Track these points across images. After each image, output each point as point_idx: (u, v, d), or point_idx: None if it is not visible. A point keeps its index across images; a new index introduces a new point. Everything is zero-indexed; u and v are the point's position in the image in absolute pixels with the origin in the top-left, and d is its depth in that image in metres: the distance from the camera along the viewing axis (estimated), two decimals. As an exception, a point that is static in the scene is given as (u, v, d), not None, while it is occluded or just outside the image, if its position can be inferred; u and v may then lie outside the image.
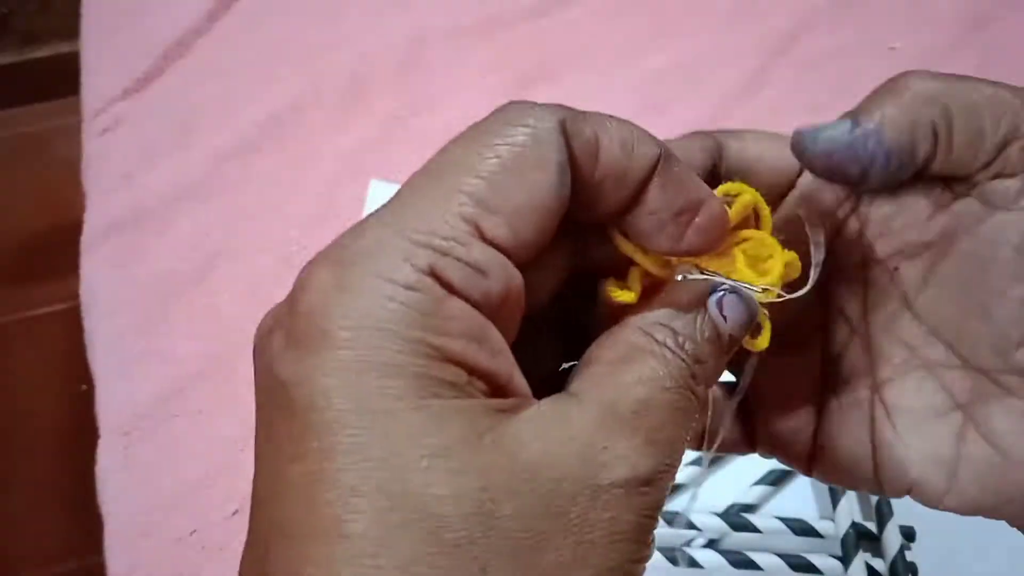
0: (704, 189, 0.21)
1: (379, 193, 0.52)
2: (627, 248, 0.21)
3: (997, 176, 0.22)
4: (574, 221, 0.20)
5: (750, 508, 0.42)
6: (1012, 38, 0.61)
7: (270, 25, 0.60)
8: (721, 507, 0.41)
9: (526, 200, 0.19)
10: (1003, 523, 0.43)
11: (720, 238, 0.21)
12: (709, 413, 0.24)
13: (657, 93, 0.58)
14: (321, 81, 0.57)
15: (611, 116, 0.20)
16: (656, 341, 0.19)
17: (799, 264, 0.21)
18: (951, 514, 0.43)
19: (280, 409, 0.17)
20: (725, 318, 0.20)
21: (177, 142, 0.54)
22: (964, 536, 0.41)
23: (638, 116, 0.61)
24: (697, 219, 0.20)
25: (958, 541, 0.41)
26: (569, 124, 0.19)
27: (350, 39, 0.60)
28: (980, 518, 0.43)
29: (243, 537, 0.45)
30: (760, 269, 0.21)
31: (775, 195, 0.24)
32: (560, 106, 0.20)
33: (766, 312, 0.21)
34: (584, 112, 0.20)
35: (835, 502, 0.40)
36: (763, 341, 0.21)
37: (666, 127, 0.61)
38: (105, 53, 0.58)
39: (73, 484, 0.89)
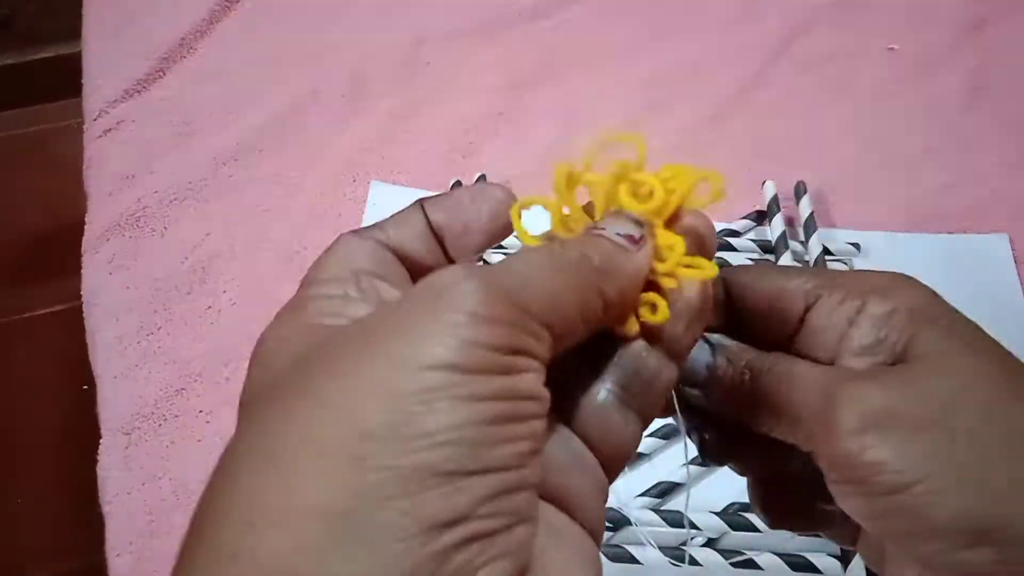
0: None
1: (379, 193, 0.52)
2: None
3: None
4: None
5: (749, 507, 0.42)
6: (1011, 38, 0.61)
7: (270, 26, 0.61)
8: (720, 506, 0.41)
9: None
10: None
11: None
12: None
13: (657, 94, 0.58)
14: (322, 82, 0.58)
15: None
16: None
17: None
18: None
19: None
20: None
21: (178, 143, 0.55)
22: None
23: (638, 117, 0.61)
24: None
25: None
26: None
27: (350, 40, 0.60)
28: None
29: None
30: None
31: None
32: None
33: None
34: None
35: (834, 501, 0.40)
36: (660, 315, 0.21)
37: (666, 128, 0.61)
38: (106, 54, 0.59)
39: (74, 484, 0.90)
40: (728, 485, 0.42)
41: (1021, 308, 0.49)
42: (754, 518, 0.40)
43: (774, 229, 0.49)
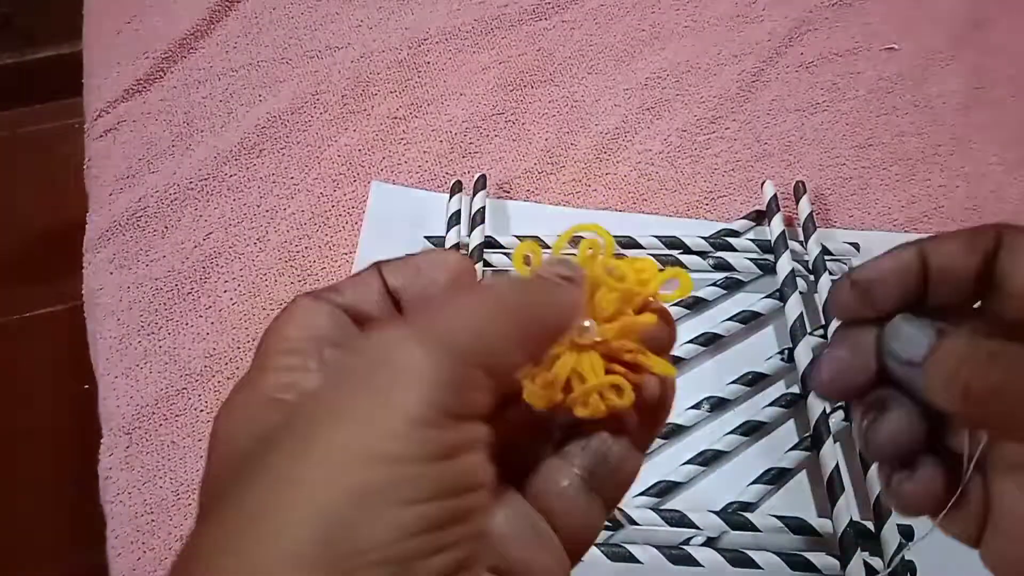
0: None
1: (380, 193, 0.52)
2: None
3: None
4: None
5: (748, 507, 0.42)
6: (1011, 38, 0.61)
7: (271, 26, 0.61)
8: (719, 505, 0.42)
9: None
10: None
11: None
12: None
13: (656, 94, 0.58)
14: (322, 82, 0.58)
15: None
16: None
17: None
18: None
19: None
20: None
21: (179, 143, 0.55)
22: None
23: (637, 117, 0.61)
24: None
25: (957, 541, 0.41)
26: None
27: (351, 40, 0.60)
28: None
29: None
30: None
31: None
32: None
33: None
34: None
35: (833, 501, 0.40)
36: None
37: (666, 128, 0.61)
38: (107, 54, 0.59)
39: (75, 483, 0.90)
40: (728, 485, 0.43)
41: (1020, 308, 0.49)
42: (754, 518, 0.41)
43: (773, 229, 0.49)
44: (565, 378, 0.21)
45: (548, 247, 0.49)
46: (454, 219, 0.49)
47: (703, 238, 0.49)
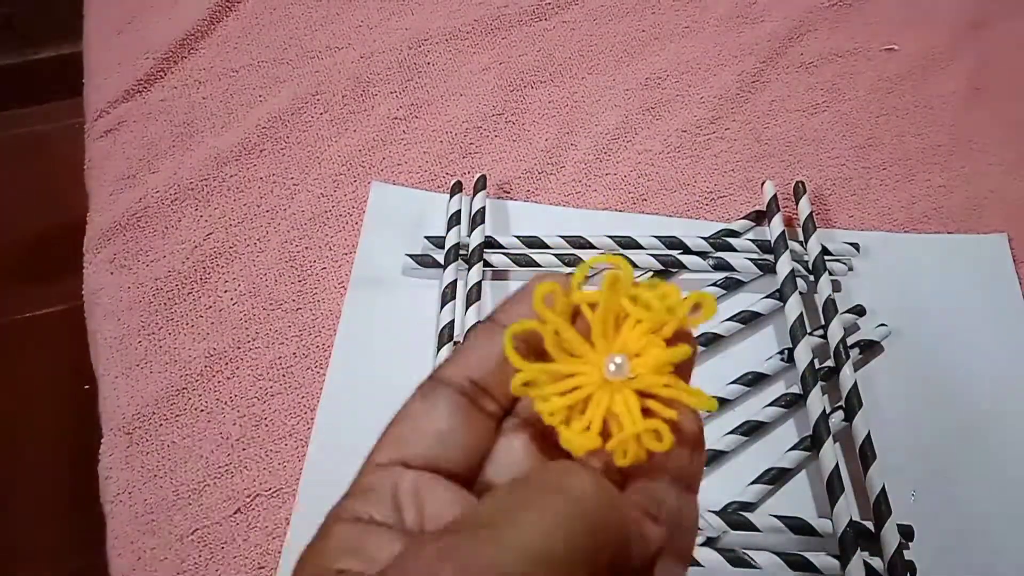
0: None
1: (380, 194, 0.53)
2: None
3: None
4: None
5: (748, 507, 0.42)
6: (1011, 39, 0.62)
7: (271, 27, 0.61)
8: (719, 505, 0.42)
9: None
10: (1000, 523, 0.44)
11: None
12: None
13: (656, 94, 0.58)
14: (322, 82, 0.58)
15: None
16: None
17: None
18: (949, 513, 0.43)
19: None
20: None
21: (179, 143, 0.55)
22: (963, 535, 0.41)
23: (637, 118, 0.62)
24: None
25: (956, 540, 0.41)
26: None
27: (351, 41, 0.60)
28: (979, 517, 0.43)
29: (245, 535, 0.45)
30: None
31: None
32: None
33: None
34: None
35: (833, 501, 0.40)
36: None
37: (665, 128, 0.61)
38: (107, 54, 0.59)
39: (76, 483, 0.90)
40: (728, 485, 0.43)
41: (1020, 308, 0.49)
42: (754, 518, 0.41)
43: (773, 229, 0.49)
44: (601, 421, 0.20)
45: (548, 246, 0.49)
46: (454, 219, 0.49)
47: (703, 238, 0.49)
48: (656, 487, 0.20)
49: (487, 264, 0.49)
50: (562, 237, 0.49)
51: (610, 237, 0.49)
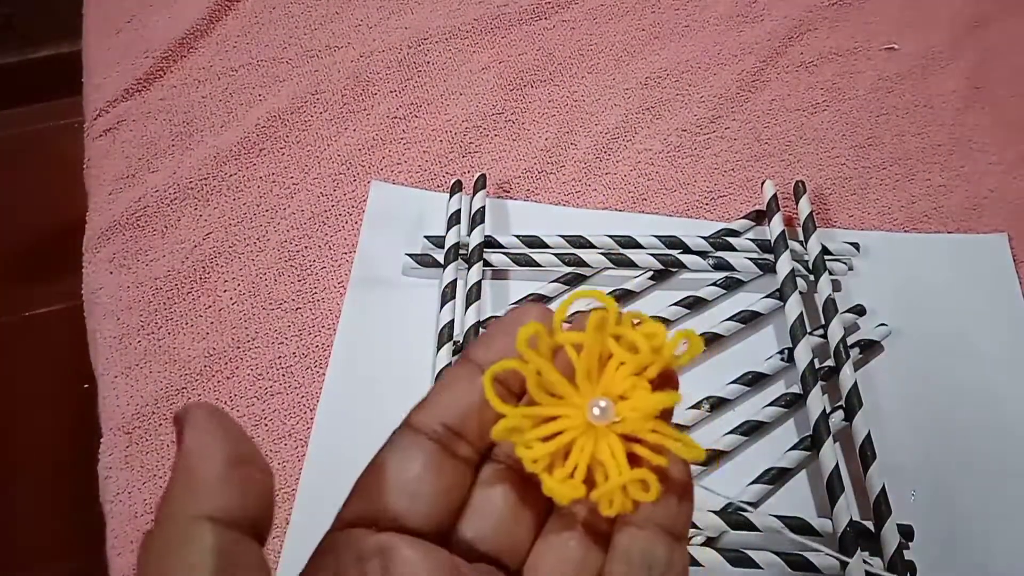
0: None
1: (380, 193, 0.52)
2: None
3: None
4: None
5: (748, 506, 0.42)
6: (1011, 38, 0.61)
7: (271, 26, 0.61)
8: (719, 505, 0.42)
9: None
10: (1000, 523, 0.44)
11: None
12: None
13: (656, 93, 0.58)
14: (322, 81, 0.58)
15: None
16: None
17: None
18: (950, 513, 0.43)
19: None
20: None
21: (178, 142, 0.55)
22: (963, 535, 0.41)
23: (637, 117, 0.61)
24: None
25: (957, 540, 0.41)
26: None
27: (351, 40, 0.60)
28: (979, 516, 0.43)
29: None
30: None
31: None
32: None
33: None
34: None
35: (833, 501, 0.40)
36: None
37: (665, 127, 0.61)
38: (106, 53, 0.59)
39: (75, 483, 0.90)
40: (728, 485, 0.43)
41: (1020, 308, 0.49)
42: (754, 518, 0.41)
43: (773, 229, 0.49)
44: (586, 468, 0.19)
45: (548, 246, 0.49)
46: (454, 219, 0.49)
47: (703, 238, 0.49)
48: (643, 538, 0.20)
49: (487, 264, 0.48)
50: (562, 236, 0.49)
51: (610, 236, 0.49)
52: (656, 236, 0.49)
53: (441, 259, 0.48)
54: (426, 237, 0.50)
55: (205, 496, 0.18)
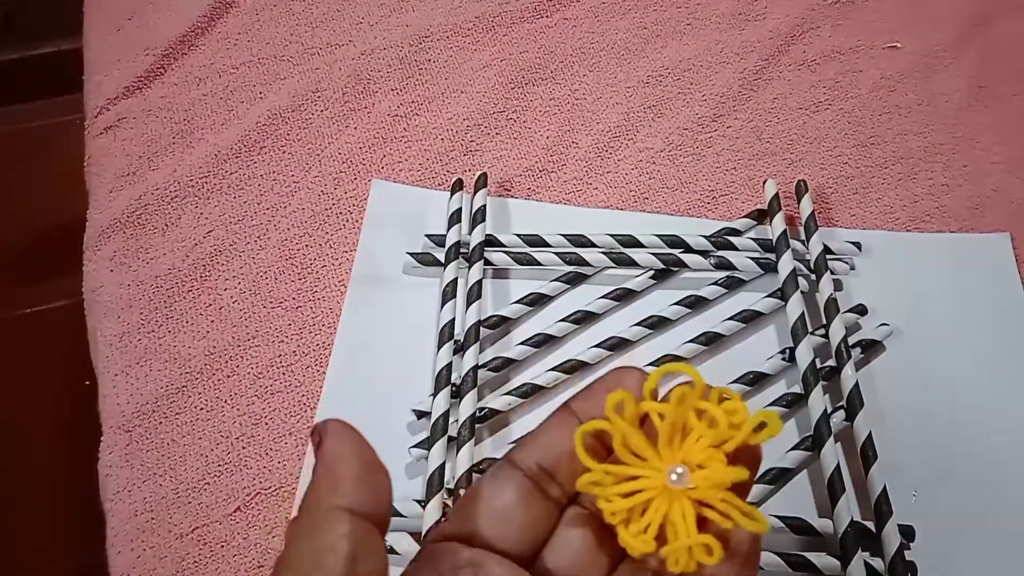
0: None
1: (380, 191, 0.52)
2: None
3: None
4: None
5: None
6: (1013, 37, 0.61)
7: (271, 23, 0.60)
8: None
9: None
10: (1001, 523, 0.44)
11: None
12: None
13: (658, 92, 0.58)
14: (323, 79, 0.57)
15: None
16: None
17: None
18: (951, 513, 0.43)
19: None
20: None
21: (179, 140, 0.55)
22: (964, 536, 0.41)
23: (639, 115, 0.61)
24: None
25: (957, 540, 0.41)
26: None
27: (352, 38, 0.60)
28: (981, 517, 0.43)
29: (245, 534, 0.45)
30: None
31: None
32: None
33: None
34: None
35: (834, 501, 0.40)
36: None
37: (667, 126, 0.61)
38: (107, 51, 0.58)
39: (75, 481, 0.90)
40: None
41: (1022, 308, 0.49)
42: (754, 517, 0.40)
43: (775, 228, 0.49)
44: (658, 526, 0.21)
45: (549, 244, 0.49)
46: (455, 217, 0.49)
47: (704, 237, 0.49)
48: None
49: (488, 262, 0.48)
50: (563, 235, 0.49)
51: (611, 235, 0.49)
52: (657, 235, 0.49)
53: (442, 258, 0.48)
54: (427, 236, 0.50)
55: (344, 492, 0.21)
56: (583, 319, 0.47)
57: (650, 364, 0.45)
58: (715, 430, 0.22)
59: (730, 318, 0.47)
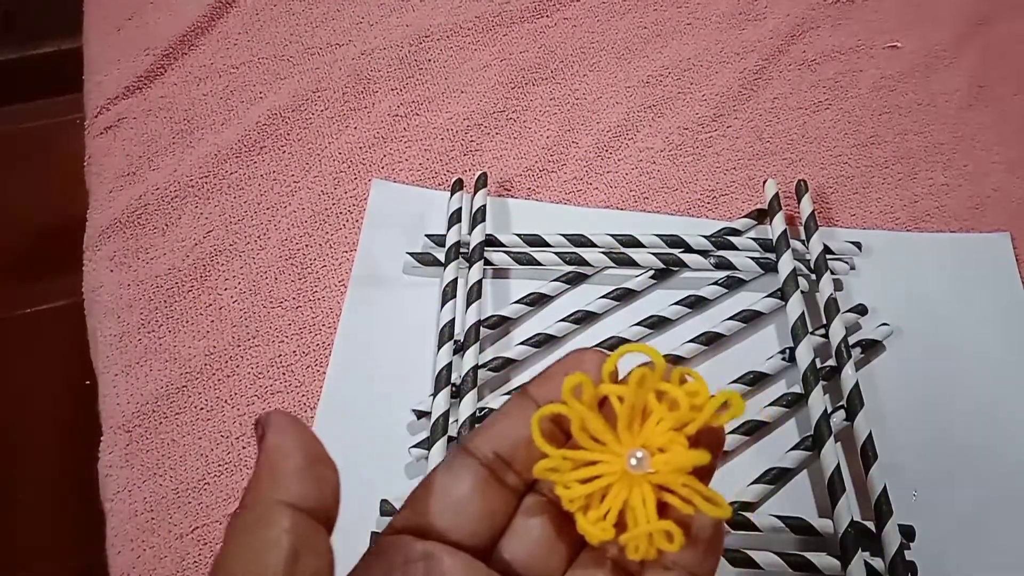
0: None
1: (381, 191, 0.52)
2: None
3: None
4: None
5: (749, 507, 0.42)
6: (1014, 36, 0.61)
7: (272, 23, 0.60)
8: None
9: None
10: (1002, 523, 0.44)
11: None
12: None
13: (658, 91, 0.58)
14: (323, 79, 0.57)
15: None
16: None
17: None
18: (951, 513, 0.43)
19: None
20: None
21: (179, 140, 0.55)
22: (964, 536, 0.41)
23: (639, 115, 0.61)
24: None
25: (958, 540, 0.41)
26: None
27: (352, 37, 0.60)
28: (981, 517, 0.43)
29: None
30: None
31: None
32: None
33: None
34: None
35: (834, 501, 0.40)
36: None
37: (667, 126, 0.61)
38: (107, 50, 0.58)
39: (75, 480, 0.90)
40: (727, 485, 0.42)
41: (1022, 307, 0.49)
42: (754, 518, 0.40)
43: (775, 228, 0.49)
44: (618, 513, 0.21)
45: (549, 244, 0.49)
46: (455, 217, 0.49)
47: (704, 237, 0.49)
48: None
49: (488, 262, 0.48)
50: (563, 235, 0.49)
51: (611, 235, 0.49)
52: (657, 235, 0.49)
53: (442, 258, 0.48)
54: (427, 236, 0.50)
55: (285, 486, 0.20)
56: (583, 319, 0.47)
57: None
58: (676, 412, 0.21)
59: (730, 318, 0.47)
